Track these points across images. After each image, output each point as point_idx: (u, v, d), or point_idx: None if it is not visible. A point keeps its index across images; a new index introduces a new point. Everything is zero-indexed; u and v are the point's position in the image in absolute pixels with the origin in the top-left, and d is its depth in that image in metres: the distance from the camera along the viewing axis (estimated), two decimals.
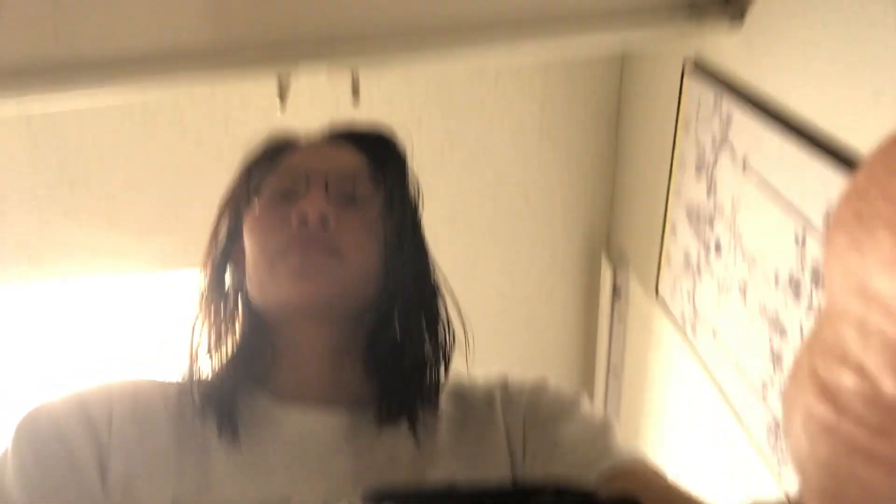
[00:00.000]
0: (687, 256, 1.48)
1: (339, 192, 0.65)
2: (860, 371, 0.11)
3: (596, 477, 0.54)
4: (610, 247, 1.86)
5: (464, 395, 0.70)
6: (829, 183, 0.93)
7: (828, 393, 0.11)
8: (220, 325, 0.66)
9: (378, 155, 0.68)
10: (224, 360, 0.65)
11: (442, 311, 0.70)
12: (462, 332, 0.72)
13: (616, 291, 1.78)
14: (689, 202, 1.45)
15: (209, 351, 0.66)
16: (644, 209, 1.68)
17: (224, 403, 0.60)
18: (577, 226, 1.83)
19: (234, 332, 0.67)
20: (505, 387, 0.70)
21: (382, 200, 0.66)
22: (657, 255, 1.59)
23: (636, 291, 1.72)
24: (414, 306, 0.67)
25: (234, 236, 0.68)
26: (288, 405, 0.63)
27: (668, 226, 1.56)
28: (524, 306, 1.88)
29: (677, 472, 1.54)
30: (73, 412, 0.56)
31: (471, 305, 0.73)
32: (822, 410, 0.12)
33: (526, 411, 0.66)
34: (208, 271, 0.68)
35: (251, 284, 0.64)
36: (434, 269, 0.71)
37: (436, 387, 0.67)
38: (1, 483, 0.49)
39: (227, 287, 0.68)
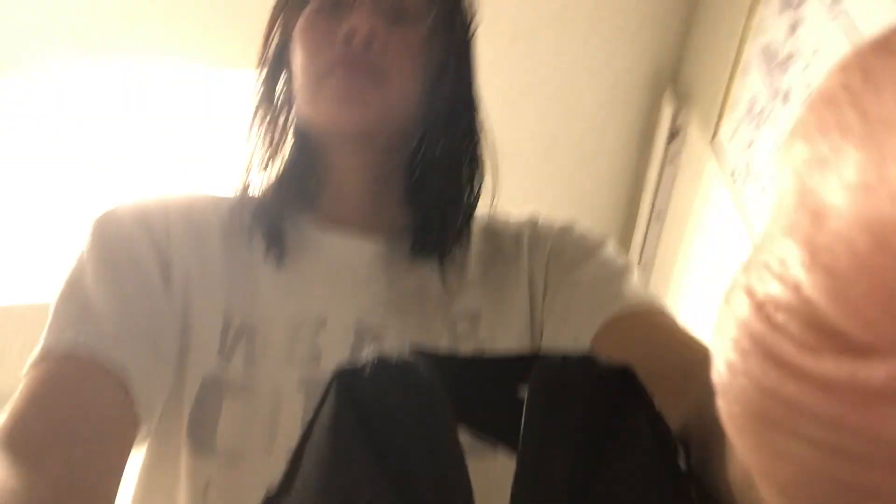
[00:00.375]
0: (753, 101, 1.40)
1: (390, 4, 0.61)
2: (797, 290, 0.10)
3: (608, 317, 0.55)
4: (676, 84, 1.77)
5: (496, 232, 0.70)
6: None
7: (762, 309, 0.11)
8: (271, 140, 0.65)
9: None
10: (274, 180, 0.65)
11: (481, 150, 0.68)
12: (493, 174, 0.70)
13: (673, 132, 1.73)
14: (765, 42, 1.35)
15: (261, 166, 0.66)
16: (717, 46, 1.57)
17: (272, 225, 0.62)
18: (643, 59, 1.73)
19: (283, 150, 0.66)
20: (534, 226, 0.70)
21: (434, 17, 0.62)
22: (722, 97, 1.52)
23: (693, 134, 1.66)
24: (453, 139, 0.65)
25: (285, 45, 0.65)
26: (329, 230, 0.64)
27: (739, 66, 1.47)
28: (579, 137, 1.85)
29: (700, 321, 1.60)
30: (136, 222, 0.58)
31: (523, 131, 0.70)
32: (755, 325, 0.11)
33: (551, 251, 0.66)
34: (260, 82, 0.67)
35: (298, 102, 0.63)
36: (479, 104, 0.68)
37: (468, 223, 0.67)
38: (82, 282, 0.53)
39: (278, 100, 0.66)
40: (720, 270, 1.53)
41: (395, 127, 0.61)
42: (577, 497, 0.27)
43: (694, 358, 0.48)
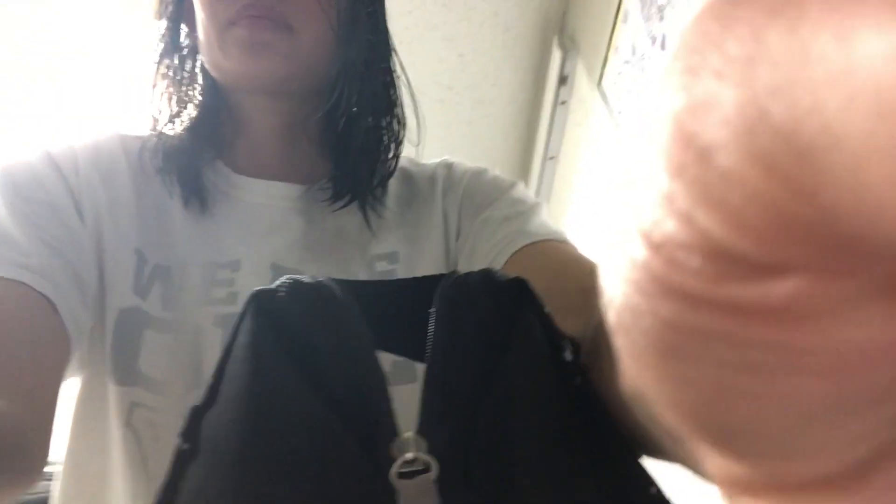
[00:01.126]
0: (633, 48, 1.48)
1: None
2: (693, 226, 0.10)
3: (515, 249, 0.58)
4: (563, 32, 1.82)
5: (411, 176, 0.71)
6: None
7: (660, 249, 0.10)
8: (177, 89, 0.64)
9: None
10: (186, 126, 0.64)
11: (397, 96, 0.68)
12: (415, 118, 0.71)
13: (563, 77, 1.79)
14: None
15: (170, 114, 0.64)
16: None
17: (188, 172, 0.61)
18: (532, 6, 1.77)
19: (193, 99, 0.65)
20: (449, 168, 0.72)
21: None
22: (606, 43, 1.59)
23: (581, 80, 1.73)
24: (368, 87, 0.64)
25: (182, 2, 0.63)
26: (244, 175, 0.64)
27: (620, 14, 1.54)
28: (474, 83, 1.88)
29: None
30: (45, 165, 0.57)
31: (419, 77, 0.71)
32: (655, 265, 0.11)
33: (464, 193, 0.68)
34: (161, 31, 0.64)
35: (203, 52, 0.61)
36: (392, 51, 0.68)
37: (386, 168, 0.67)
38: None
39: (182, 47, 0.65)
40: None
41: (306, 77, 0.61)
42: (479, 390, 0.31)
43: (592, 280, 0.52)
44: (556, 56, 1.79)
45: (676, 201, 0.10)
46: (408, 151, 0.73)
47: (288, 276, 0.35)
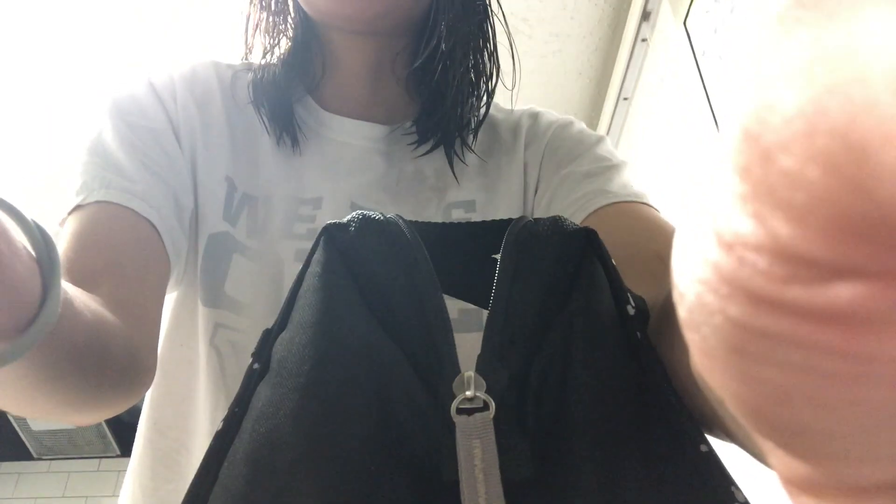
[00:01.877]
0: None
1: None
2: (762, 227, 0.10)
3: (594, 208, 0.57)
4: None
5: (495, 123, 0.70)
6: None
7: (731, 249, 0.11)
8: (270, 19, 0.64)
9: None
10: (278, 60, 0.65)
11: (490, 38, 0.66)
12: (511, 61, 0.69)
13: (645, 14, 1.70)
14: None
15: (263, 46, 0.65)
16: None
17: (280, 108, 0.62)
18: None
19: (286, 31, 0.65)
20: (534, 119, 0.70)
21: None
22: None
23: (665, 17, 1.65)
24: (461, 30, 0.62)
25: None
26: (331, 112, 0.65)
27: None
28: (551, 16, 1.81)
29: (665, 206, 1.66)
30: (146, 93, 0.59)
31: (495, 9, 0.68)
32: (726, 265, 0.11)
33: (547, 145, 0.67)
34: None
35: None
36: None
37: (474, 115, 0.66)
38: (105, 146, 0.54)
39: None
40: (685, 155, 1.57)
41: (397, 14, 0.59)
42: (540, 334, 0.32)
43: (671, 248, 0.51)
44: None
45: (745, 202, 0.10)
46: (501, 95, 0.70)
47: (359, 212, 0.35)
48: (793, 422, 0.11)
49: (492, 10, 0.66)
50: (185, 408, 0.58)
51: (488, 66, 0.66)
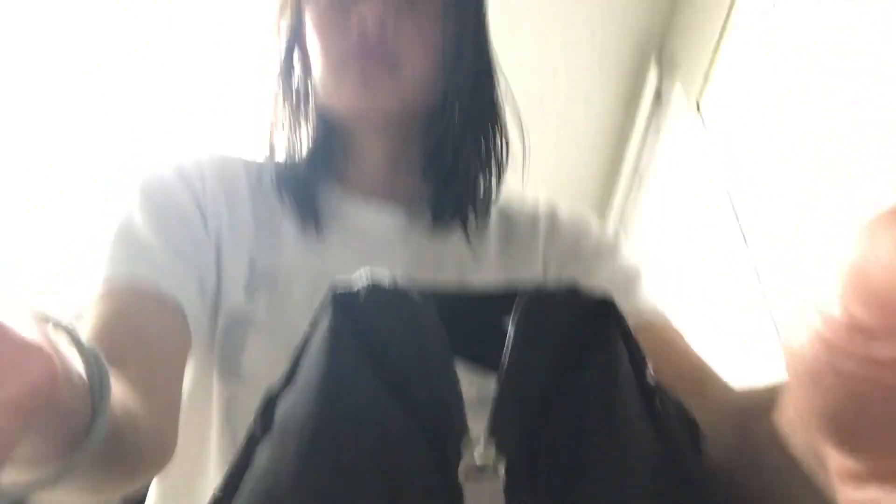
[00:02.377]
0: (736, 69, 1.42)
1: None
2: (849, 314, 0.18)
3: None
4: (661, 50, 1.78)
5: (511, 212, 0.72)
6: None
7: (831, 322, 0.18)
8: (291, 115, 0.68)
9: None
10: (301, 150, 0.68)
11: (501, 121, 0.69)
12: (521, 145, 0.71)
13: (657, 96, 1.74)
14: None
15: (287, 138, 0.68)
16: (703, 14, 1.58)
17: (305, 197, 0.64)
18: (631, 24, 1.74)
19: (306, 125, 0.68)
20: (552, 216, 0.72)
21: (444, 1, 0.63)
22: (707, 63, 1.53)
23: (677, 99, 1.68)
24: (472, 115, 0.66)
25: (298, 27, 0.66)
26: (353, 198, 0.67)
27: (724, 34, 1.48)
28: (565, 98, 1.86)
29: (678, 283, 1.65)
30: (176, 177, 0.62)
31: (510, 90, 0.70)
32: (828, 332, 0.18)
33: (568, 248, 0.69)
34: (278, 56, 0.68)
35: (318, 89, 0.65)
36: (496, 76, 0.69)
37: (488, 196, 0.68)
38: (133, 226, 0.56)
39: (296, 77, 0.68)
40: (697, 232, 1.57)
41: (411, 110, 0.63)
42: (553, 397, 0.30)
43: (703, 367, 0.55)
44: (652, 74, 1.75)
45: (844, 300, 0.18)
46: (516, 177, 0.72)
47: (368, 274, 0.35)
48: (863, 428, 0.19)
49: (502, 95, 0.69)
50: (193, 479, 0.57)
51: (500, 148, 0.69)
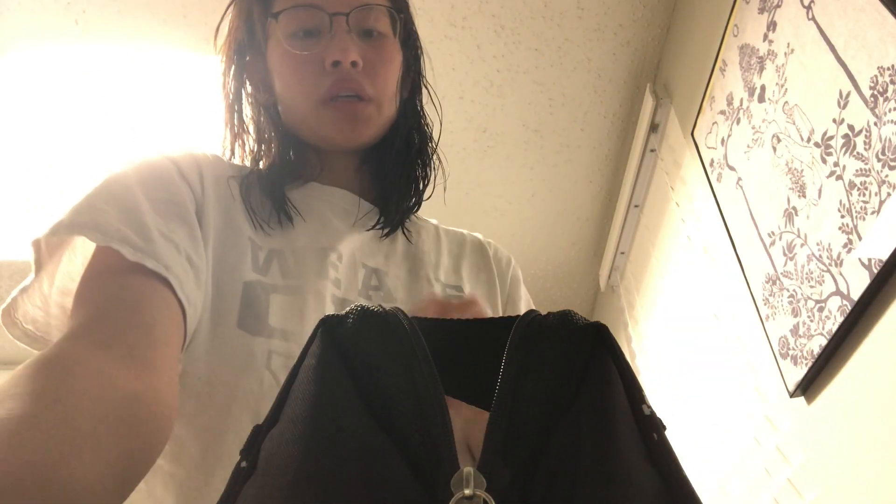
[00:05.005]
0: (730, 99, 1.44)
1: (359, 28, 0.68)
2: None
3: None
4: (656, 80, 1.80)
5: (457, 238, 0.83)
6: (887, 45, 0.88)
7: None
8: (255, 143, 0.74)
9: None
10: (269, 166, 0.73)
11: (429, 147, 0.80)
12: (441, 168, 0.83)
13: (653, 126, 1.76)
14: (744, 42, 1.38)
15: (252, 154, 0.75)
16: (698, 44, 1.60)
17: (277, 199, 0.69)
18: (626, 54, 1.76)
19: (271, 141, 0.74)
20: (494, 247, 0.84)
21: (398, 32, 0.71)
22: (702, 92, 1.55)
23: (673, 129, 1.69)
24: (413, 138, 0.77)
25: (254, 59, 0.72)
26: (327, 186, 0.74)
27: (718, 64, 1.50)
28: (562, 127, 1.87)
29: (676, 310, 1.64)
30: (170, 162, 0.63)
31: (508, 120, 0.77)
32: None
33: (509, 272, 0.81)
34: (227, 86, 0.74)
35: (289, 118, 0.72)
36: (422, 108, 0.80)
37: (417, 200, 0.79)
38: (129, 188, 0.57)
39: (253, 102, 0.74)
40: (695, 259, 1.57)
41: (380, 133, 0.73)
42: (546, 432, 0.29)
43: None
44: (647, 104, 1.76)
45: None
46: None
47: (358, 305, 0.34)
48: None
49: (429, 126, 0.80)
50: (213, 441, 0.57)
51: (427, 167, 0.80)
